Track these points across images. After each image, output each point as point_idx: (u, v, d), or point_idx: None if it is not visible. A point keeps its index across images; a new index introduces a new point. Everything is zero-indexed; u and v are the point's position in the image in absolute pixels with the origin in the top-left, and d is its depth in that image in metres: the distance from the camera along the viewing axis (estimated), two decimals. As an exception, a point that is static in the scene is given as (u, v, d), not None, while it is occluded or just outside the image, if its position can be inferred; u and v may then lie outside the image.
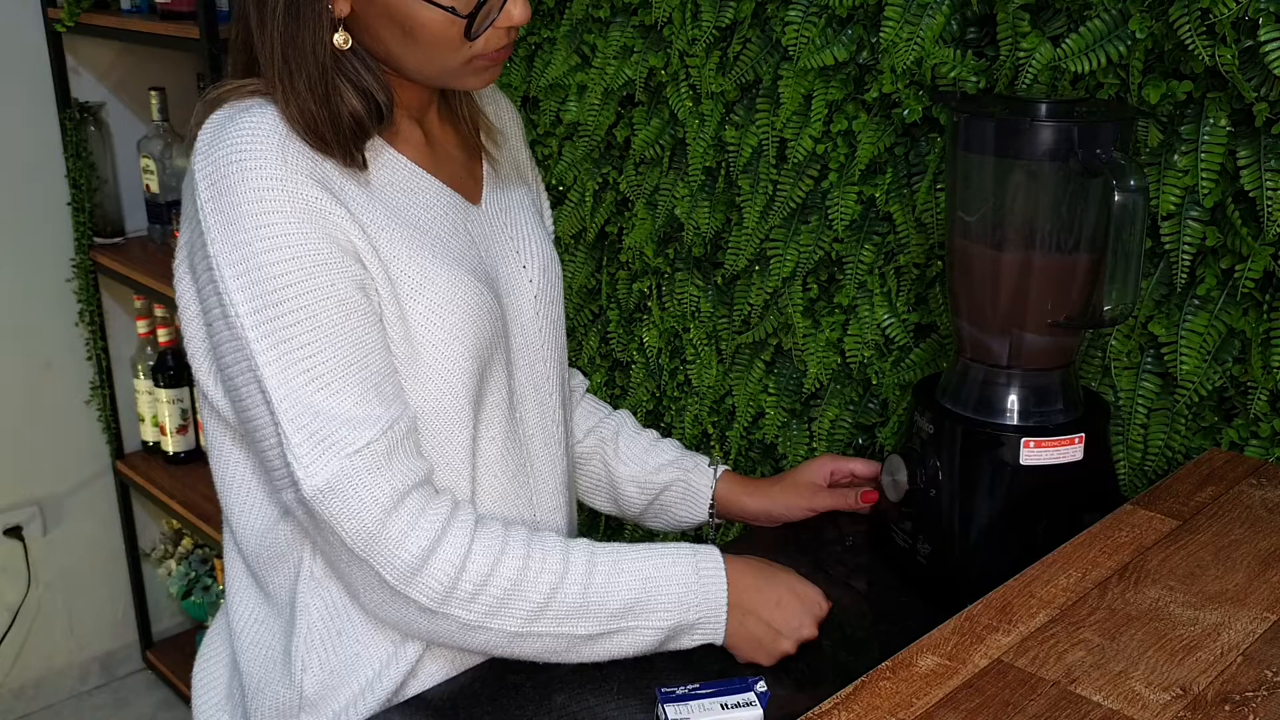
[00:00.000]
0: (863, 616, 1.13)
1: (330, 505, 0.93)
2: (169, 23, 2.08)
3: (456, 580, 0.96)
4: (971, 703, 0.77)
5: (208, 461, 1.11)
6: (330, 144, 0.96)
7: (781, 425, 1.64)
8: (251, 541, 1.07)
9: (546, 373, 1.14)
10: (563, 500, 1.17)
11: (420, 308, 0.98)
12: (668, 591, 1.02)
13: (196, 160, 0.94)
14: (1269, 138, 1.12)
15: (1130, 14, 1.16)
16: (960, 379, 1.14)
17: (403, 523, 0.94)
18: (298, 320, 0.92)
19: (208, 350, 1.01)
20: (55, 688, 2.72)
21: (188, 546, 2.76)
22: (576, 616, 0.99)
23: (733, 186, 1.61)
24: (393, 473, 0.94)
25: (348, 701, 1.03)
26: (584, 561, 1.00)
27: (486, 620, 0.98)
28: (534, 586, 0.98)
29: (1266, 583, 0.91)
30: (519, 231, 1.13)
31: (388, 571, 0.95)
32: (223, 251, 0.92)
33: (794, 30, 1.44)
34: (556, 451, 1.16)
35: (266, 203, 0.92)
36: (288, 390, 0.92)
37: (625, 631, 1.01)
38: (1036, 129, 1.03)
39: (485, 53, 0.98)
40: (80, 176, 2.47)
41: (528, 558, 0.98)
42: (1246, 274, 1.15)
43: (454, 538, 0.96)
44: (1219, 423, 1.23)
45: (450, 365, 1.00)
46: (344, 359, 0.93)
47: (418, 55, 0.97)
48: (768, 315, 1.62)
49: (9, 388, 2.52)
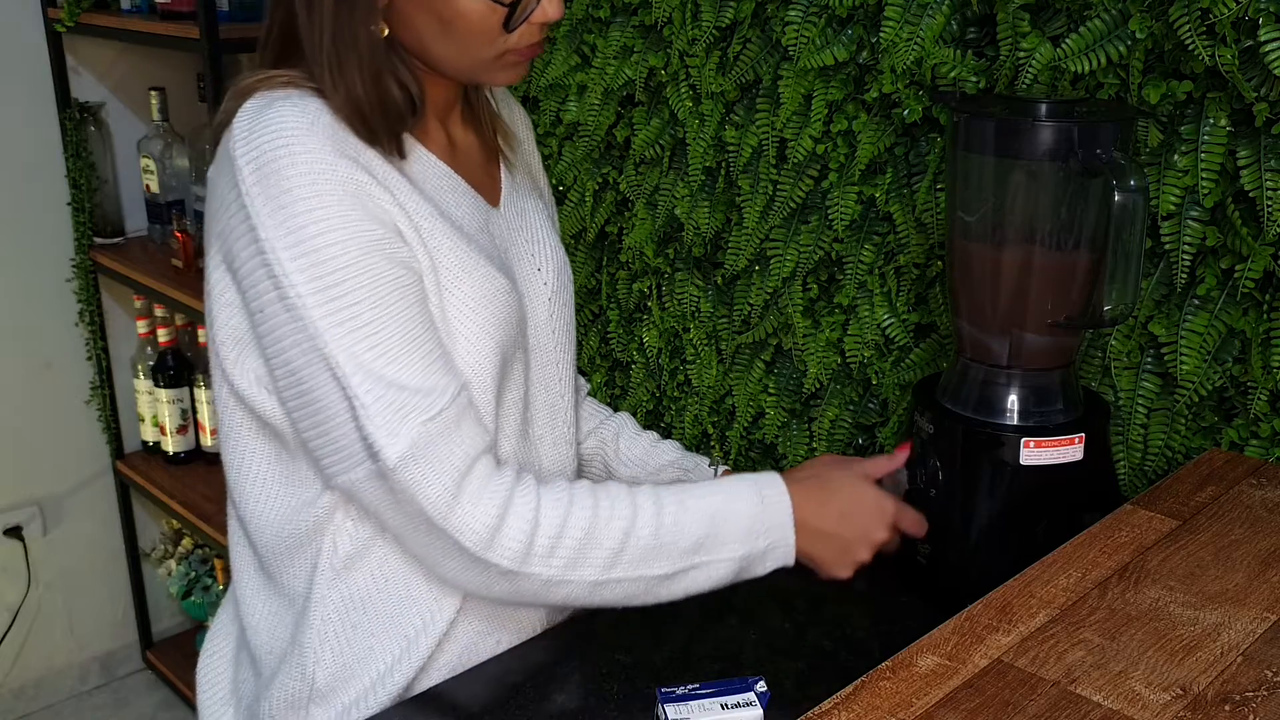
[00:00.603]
0: (863, 616, 1.13)
1: (412, 472, 0.94)
2: (169, 23, 2.08)
3: (532, 538, 0.97)
4: (971, 703, 0.77)
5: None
6: (376, 130, 0.97)
7: (781, 425, 1.64)
8: (266, 534, 1.07)
9: (558, 374, 1.16)
10: None
11: (456, 299, 1.00)
12: (736, 523, 1.04)
13: (236, 147, 0.94)
14: (1269, 138, 1.12)
15: (1130, 14, 1.16)
16: (960, 379, 1.14)
17: (474, 488, 0.96)
18: (360, 299, 0.93)
19: (242, 340, 1.00)
20: (55, 688, 2.72)
21: (188, 546, 2.76)
22: (652, 558, 1.01)
23: (733, 186, 1.61)
24: (463, 438, 0.96)
25: (358, 695, 1.04)
26: (651, 504, 1.02)
27: (566, 573, 0.99)
28: (607, 533, 1.00)
29: (1266, 583, 0.91)
30: (534, 235, 1.14)
31: (466, 538, 0.96)
32: (276, 235, 0.92)
33: (794, 30, 1.44)
34: (566, 453, 1.17)
35: (318, 184, 0.92)
36: (358, 365, 0.93)
37: (700, 567, 1.03)
38: (1036, 129, 1.03)
39: (518, 47, 0.99)
40: (80, 176, 2.47)
41: (596, 507, 1.00)
42: (1246, 274, 1.15)
43: (522, 499, 0.98)
44: (1219, 423, 1.23)
45: (480, 358, 1.02)
46: (407, 333, 0.95)
47: (452, 47, 0.98)
48: (768, 315, 1.62)
49: (9, 388, 2.52)
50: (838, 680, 0.81)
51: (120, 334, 2.63)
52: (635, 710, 0.99)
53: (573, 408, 1.19)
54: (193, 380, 2.50)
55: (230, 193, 0.95)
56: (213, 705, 1.15)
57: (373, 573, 1.04)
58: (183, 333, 2.53)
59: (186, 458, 2.58)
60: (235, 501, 1.09)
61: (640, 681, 1.02)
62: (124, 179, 2.58)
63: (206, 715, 1.16)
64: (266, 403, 1.01)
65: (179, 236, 2.33)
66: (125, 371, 2.63)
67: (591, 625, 1.12)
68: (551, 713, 0.99)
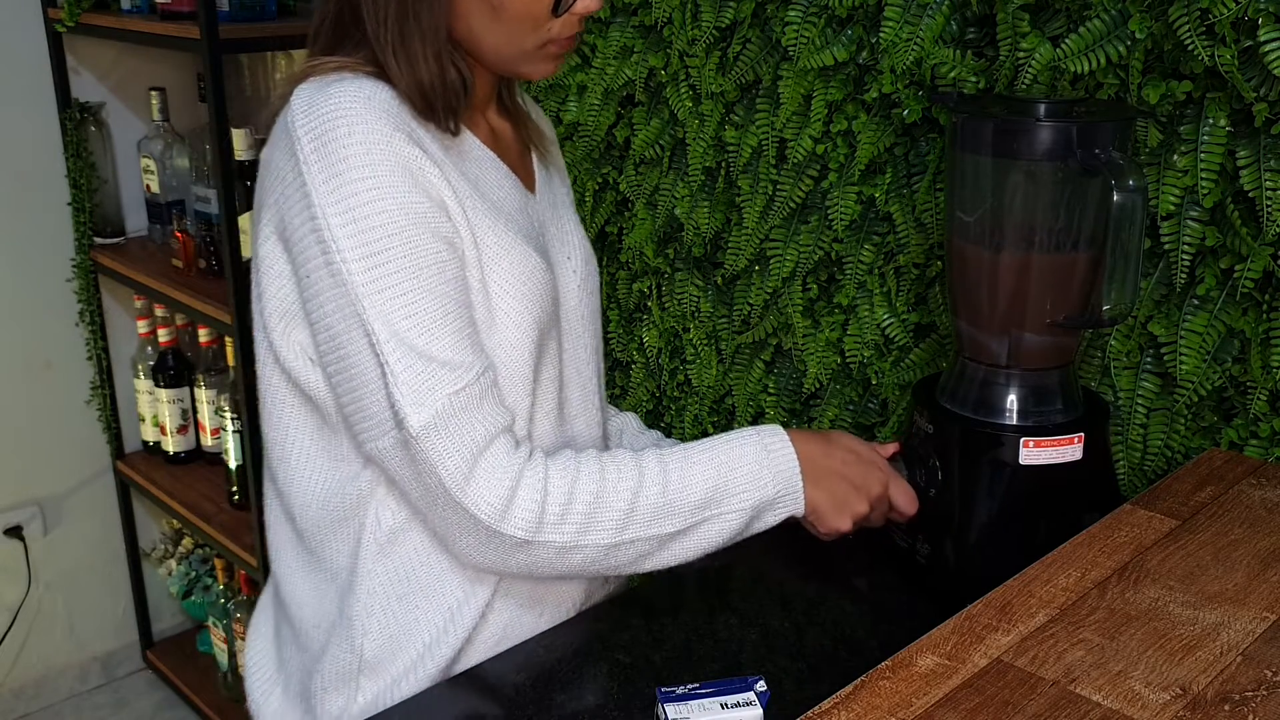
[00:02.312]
0: (863, 616, 1.13)
1: (433, 442, 0.97)
2: (169, 23, 2.08)
3: (543, 507, 1.00)
4: (971, 702, 0.77)
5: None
6: (435, 108, 1.01)
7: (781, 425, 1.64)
8: (311, 510, 1.09)
9: (587, 358, 1.19)
10: None
11: (497, 277, 1.03)
12: (742, 473, 1.06)
13: (296, 120, 0.97)
14: (1268, 138, 1.12)
15: (1130, 14, 1.16)
16: (960, 379, 1.14)
17: (489, 464, 0.99)
18: (401, 268, 0.96)
19: (289, 312, 1.03)
20: (55, 688, 2.72)
21: (188, 546, 2.76)
22: (663, 516, 1.04)
23: (733, 186, 1.61)
24: (484, 415, 0.99)
25: (406, 666, 1.06)
26: (656, 464, 1.05)
27: (579, 538, 1.02)
28: (615, 496, 1.02)
29: (1266, 582, 0.91)
30: (563, 225, 1.18)
31: (481, 510, 0.98)
32: (329, 202, 0.95)
33: (794, 30, 1.45)
34: (596, 434, 1.21)
35: (372, 155, 0.96)
36: (392, 332, 0.96)
37: (710, 520, 1.05)
38: (1036, 129, 1.03)
39: (559, 38, 1.03)
40: (80, 176, 2.47)
41: (603, 473, 1.03)
42: (1246, 274, 1.16)
43: (531, 472, 1.01)
44: (1218, 422, 1.23)
45: (519, 336, 1.05)
46: (442, 307, 0.98)
47: (500, 34, 1.02)
48: (767, 315, 1.62)
49: (9, 388, 2.52)
50: (838, 680, 0.81)
51: (120, 334, 2.63)
52: (635, 710, 0.99)
53: (600, 393, 1.23)
54: (193, 380, 2.50)
55: (288, 163, 0.98)
56: (261, 685, 1.18)
57: (416, 546, 1.07)
58: (183, 333, 2.53)
59: (187, 457, 2.58)
60: (276, 478, 1.11)
61: (640, 681, 1.02)
62: (124, 179, 2.58)
63: (255, 695, 1.18)
64: (311, 376, 1.04)
65: (179, 236, 2.33)
66: (125, 371, 2.63)
67: (592, 625, 1.12)
68: (551, 712, 0.99)
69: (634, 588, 1.21)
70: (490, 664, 1.07)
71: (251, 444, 2.15)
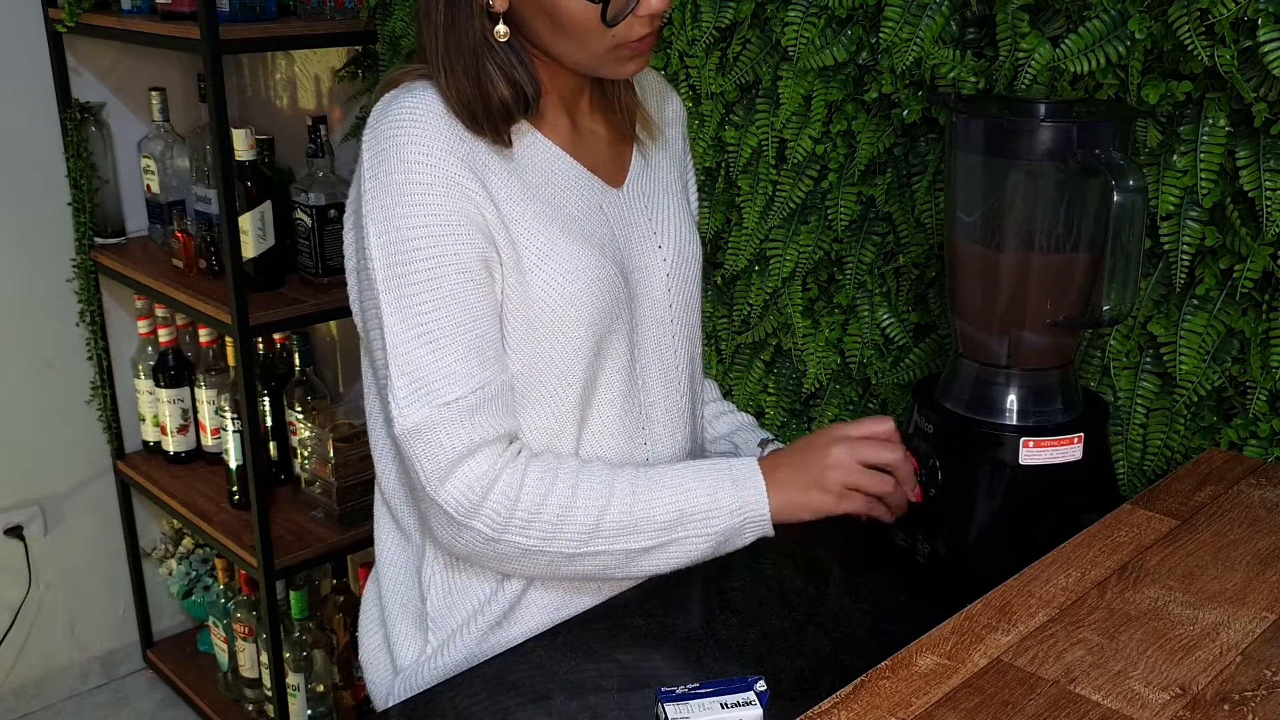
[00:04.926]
0: (863, 616, 1.13)
1: (415, 445, 1.05)
2: (169, 23, 2.08)
3: (513, 509, 1.06)
4: (971, 702, 0.77)
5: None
6: (481, 123, 1.06)
7: (781, 425, 1.64)
8: (390, 483, 1.21)
9: (674, 346, 1.22)
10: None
11: (544, 275, 1.08)
12: (708, 501, 1.10)
13: (367, 132, 1.07)
14: (1268, 138, 1.12)
15: (1129, 14, 1.16)
16: (959, 379, 1.15)
17: (470, 468, 1.05)
18: (420, 280, 1.04)
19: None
20: (56, 687, 2.73)
21: (188, 546, 2.77)
22: (628, 533, 1.09)
23: (733, 186, 1.61)
24: (474, 426, 1.05)
25: (461, 622, 1.16)
26: (628, 482, 1.10)
27: (544, 545, 1.08)
28: (584, 510, 1.08)
29: (1265, 582, 0.91)
30: (657, 214, 1.21)
31: (451, 507, 1.06)
32: (373, 211, 1.05)
33: (794, 31, 1.45)
34: (679, 420, 1.23)
35: (414, 173, 1.03)
36: (400, 339, 1.04)
37: (677, 542, 1.10)
38: (1036, 129, 1.04)
39: (627, 41, 1.05)
40: (81, 176, 2.47)
41: (576, 485, 1.08)
42: (1245, 274, 1.16)
43: (510, 473, 1.07)
44: (1218, 422, 1.23)
45: (567, 329, 1.10)
46: (453, 320, 1.04)
47: (567, 44, 1.06)
48: (767, 315, 1.62)
49: (10, 388, 2.52)
50: (838, 680, 0.81)
51: (121, 334, 2.63)
52: (635, 710, 0.99)
53: (692, 380, 1.25)
54: (193, 380, 2.50)
55: (358, 170, 1.08)
56: (366, 638, 1.28)
57: None
58: (183, 333, 2.54)
59: (187, 457, 2.58)
60: (374, 459, 1.23)
61: (640, 681, 1.03)
62: (124, 179, 2.58)
63: (363, 648, 1.28)
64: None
65: (179, 236, 2.33)
66: (126, 371, 2.64)
67: (592, 625, 1.12)
68: (552, 712, 0.99)
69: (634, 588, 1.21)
70: (490, 664, 1.07)
71: (251, 444, 2.15)
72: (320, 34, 2.16)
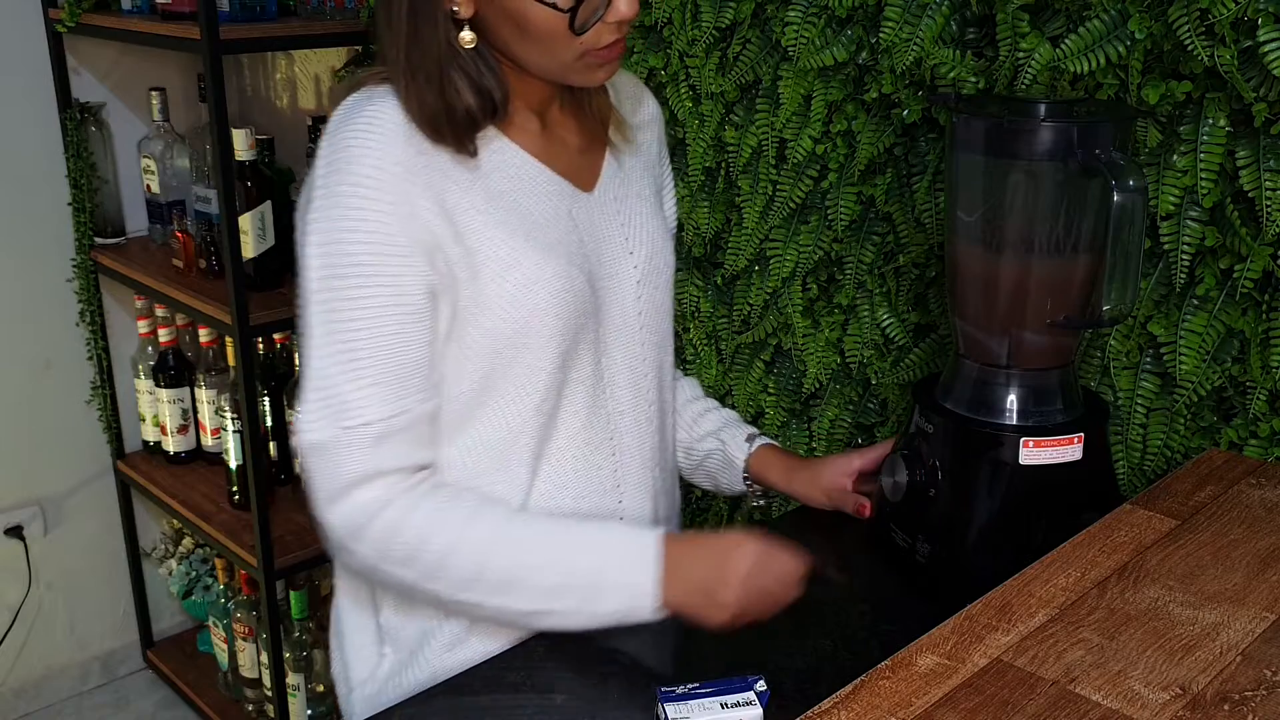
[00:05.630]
0: (863, 616, 1.13)
1: (312, 462, 1.03)
2: (169, 23, 2.08)
3: (391, 541, 1.03)
4: (971, 702, 0.77)
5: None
6: (444, 134, 1.03)
7: (781, 425, 1.64)
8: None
9: (643, 354, 1.19)
10: (650, 478, 1.21)
11: (506, 286, 1.05)
12: (592, 577, 1.04)
13: (325, 136, 1.04)
14: (1268, 138, 1.12)
15: (1129, 14, 1.16)
16: (959, 379, 1.15)
17: (360, 494, 1.03)
18: (351, 297, 1.01)
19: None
20: (56, 687, 2.72)
21: (188, 546, 2.76)
22: (508, 590, 1.04)
23: (733, 186, 1.61)
24: (376, 454, 1.02)
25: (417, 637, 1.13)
26: (522, 530, 1.07)
27: (423, 582, 1.05)
28: (464, 557, 1.04)
29: (1265, 582, 0.91)
30: (630, 219, 1.18)
31: (336, 529, 1.04)
32: (317, 220, 1.02)
33: (794, 31, 1.45)
34: (647, 430, 1.20)
35: (364, 188, 1.00)
36: (320, 353, 1.02)
37: (556, 614, 1.05)
38: (1036, 129, 1.04)
39: (595, 48, 1.03)
40: (81, 176, 2.47)
41: (463, 530, 1.04)
42: (1245, 274, 1.16)
43: (400, 505, 1.03)
44: (1218, 422, 1.23)
45: (530, 339, 1.07)
46: (377, 344, 1.01)
47: (535, 51, 1.03)
48: (767, 315, 1.62)
49: (9, 388, 2.52)
50: (838, 680, 0.81)
51: (121, 334, 2.63)
52: (635, 710, 0.99)
53: (660, 388, 1.22)
54: (193, 380, 2.50)
55: (311, 175, 1.05)
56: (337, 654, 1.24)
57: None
58: (183, 333, 2.53)
59: (187, 457, 2.58)
60: None
61: (640, 681, 1.02)
62: (124, 179, 2.58)
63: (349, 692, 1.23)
64: None
65: (179, 236, 2.33)
66: (126, 371, 2.63)
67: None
68: (552, 713, 0.99)
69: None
70: (490, 663, 1.07)
71: (251, 444, 2.15)
72: (320, 34, 2.16)
